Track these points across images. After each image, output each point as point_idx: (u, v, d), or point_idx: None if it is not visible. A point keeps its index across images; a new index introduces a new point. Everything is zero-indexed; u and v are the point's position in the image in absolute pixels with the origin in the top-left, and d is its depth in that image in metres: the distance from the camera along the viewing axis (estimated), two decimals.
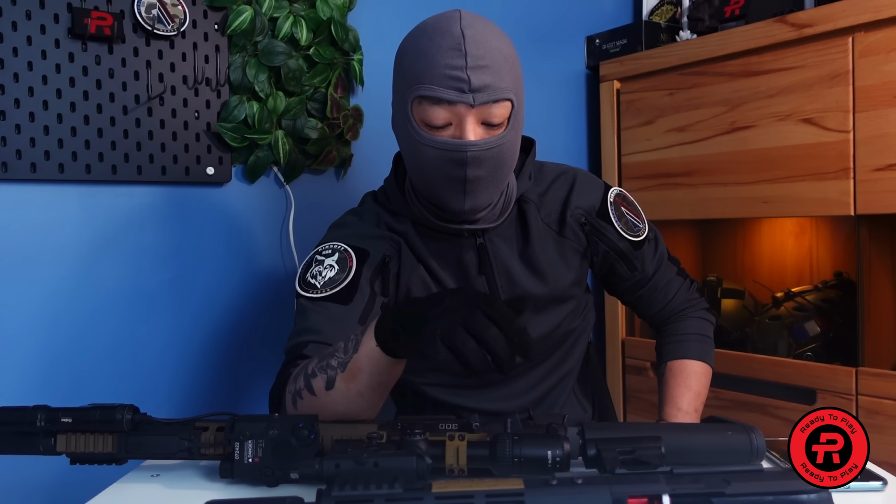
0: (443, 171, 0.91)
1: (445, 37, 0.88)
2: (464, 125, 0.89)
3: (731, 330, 1.70)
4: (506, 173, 0.95)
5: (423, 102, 0.89)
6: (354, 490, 0.56)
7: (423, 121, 0.90)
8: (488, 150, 0.90)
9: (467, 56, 0.87)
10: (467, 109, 0.88)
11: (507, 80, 0.90)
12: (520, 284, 1.02)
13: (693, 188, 1.61)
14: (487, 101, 0.88)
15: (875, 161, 1.30)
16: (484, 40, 0.89)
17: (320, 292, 0.95)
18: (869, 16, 1.29)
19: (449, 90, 0.87)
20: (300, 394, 0.82)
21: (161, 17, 1.25)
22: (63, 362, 1.22)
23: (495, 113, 0.89)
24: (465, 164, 0.89)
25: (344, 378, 0.78)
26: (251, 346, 1.42)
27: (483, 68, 0.87)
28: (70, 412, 0.75)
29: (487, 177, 0.92)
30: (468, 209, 0.94)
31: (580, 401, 1.16)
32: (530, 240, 1.03)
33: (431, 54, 0.88)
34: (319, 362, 0.81)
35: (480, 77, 0.87)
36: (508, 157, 0.94)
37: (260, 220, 1.42)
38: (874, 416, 1.31)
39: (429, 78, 0.88)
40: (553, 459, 0.66)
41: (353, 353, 0.78)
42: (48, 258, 1.20)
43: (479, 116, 0.89)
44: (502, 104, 0.90)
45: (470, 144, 0.88)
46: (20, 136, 1.14)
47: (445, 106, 0.88)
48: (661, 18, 1.86)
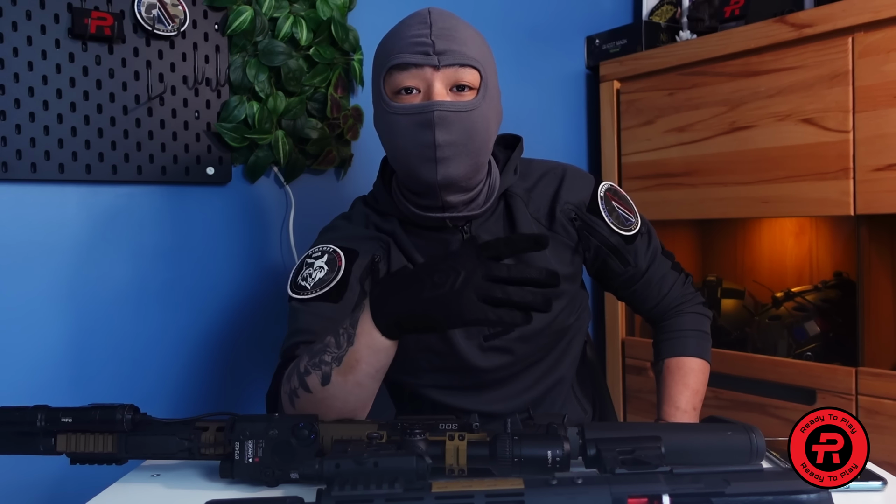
0: (413, 137, 0.92)
1: (413, 17, 0.95)
2: (431, 89, 0.91)
3: (731, 330, 1.70)
4: (479, 146, 0.94)
5: (393, 72, 0.93)
6: (354, 490, 0.56)
7: (392, 91, 0.93)
8: (456, 112, 0.91)
9: (432, 26, 0.92)
10: (433, 72, 0.91)
11: (474, 52, 0.93)
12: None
13: (693, 188, 1.61)
14: (452, 63, 0.91)
15: (875, 161, 1.30)
16: (450, 18, 0.94)
17: (311, 293, 0.96)
18: (869, 16, 1.29)
19: (414, 55, 0.91)
20: (296, 392, 0.82)
21: (161, 17, 1.25)
22: (63, 362, 1.22)
23: (463, 78, 0.92)
24: (433, 124, 0.90)
25: (340, 371, 0.78)
26: (251, 345, 1.43)
27: (448, 37, 0.92)
28: (70, 412, 0.75)
29: (458, 143, 0.92)
30: (441, 179, 0.92)
31: (580, 401, 1.16)
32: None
33: (400, 31, 0.94)
34: (311, 360, 0.81)
35: (445, 43, 0.91)
36: (480, 129, 0.93)
37: (260, 220, 1.42)
38: (874, 416, 1.31)
39: (398, 49, 0.93)
40: (553, 459, 0.66)
41: (347, 346, 0.78)
42: (48, 258, 1.20)
43: (446, 80, 0.92)
44: (469, 70, 0.92)
45: (436, 104, 0.90)
46: (20, 136, 1.14)
47: (412, 70, 0.91)
48: (661, 18, 1.86)
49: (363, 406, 0.82)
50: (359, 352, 0.77)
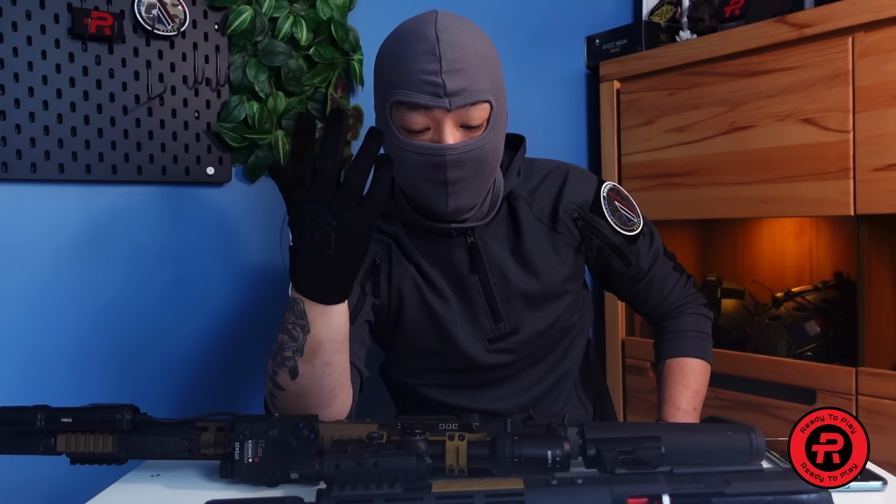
0: (424, 174, 0.92)
1: (420, 41, 0.88)
2: (442, 129, 0.89)
3: (731, 330, 1.70)
4: (489, 174, 0.95)
5: (401, 108, 0.90)
6: (354, 490, 0.56)
7: (401, 126, 0.91)
8: (467, 152, 0.90)
9: (442, 60, 0.87)
10: (444, 114, 0.88)
11: (484, 81, 0.90)
12: (513, 282, 1.02)
13: (693, 188, 1.61)
14: (464, 104, 0.88)
15: (875, 161, 1.30)
16: (459, 43, 0.89)
17: None
18: (869, 16, 1.29)
19: (424, 95, 0.87)
20: (273, 394, 0.83)
21: (161, 17, 1.25)
22: (63, 362, 1.22)
23: (473, 116, 0.90)
24: (445, 167, 0.90)
25: (306, 359, 0.79)
26: (251, 345, 1.42)
27: (458, 72, 0.88)
28: (70, 412, 0.75)
29: (469, 177, 0.92)
30: (452, 210, 0.94)
31: (581, 401, 1.16)
32: (522, 236, 1.03)
33: (407, 59, 0.89)
34: (273, 360, 0.82)
35: (456, 81, 0.87)
36: (490, 158, 0.94)
37: (260, 220, 1.42)
38: (874, 416, 1.31)
39: (405, 84, 0.89)
40: (553, 459, 0.66)
41: (304, 335, 0.78)
42: (48, 258, 1.20)
43: (456, 120, 0.90)
44: (480, 106, 0.90)
45: (448, 148, 0.89)
46: (20, 136, 1.14)
47: (422, 111, 0.89)
48: (661, 18, 1.86)
49: (340, 385, 0.83)
50: (318, 334, 0.78)
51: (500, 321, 1.03)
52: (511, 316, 1.03)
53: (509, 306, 1.03)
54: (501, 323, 1.03)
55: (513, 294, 1.03)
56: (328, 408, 0.83)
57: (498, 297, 1.03)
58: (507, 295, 1.03)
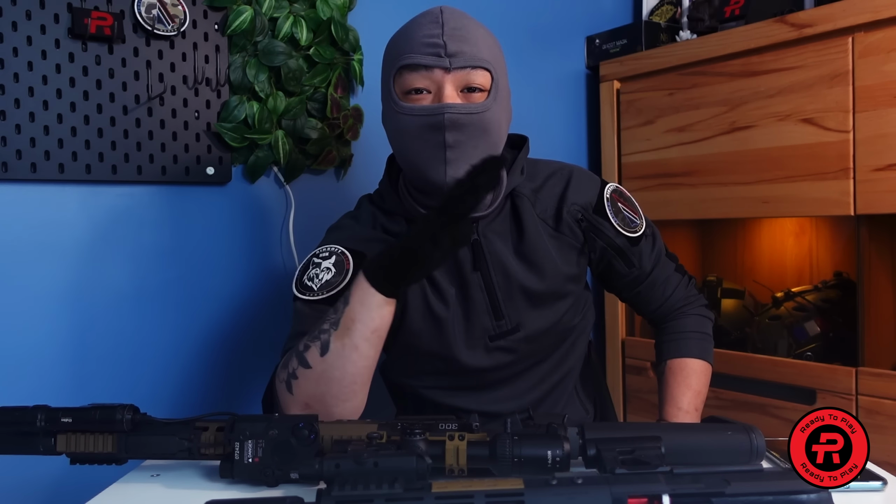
0: (422, 138, 0.92)
1: (425, 16, 0.94)
2: (442, 91, 0.91)
3: (731, 330, 1.70)
4: (489, 148, 0.94)
5: (403, 73, 0.93)
6: (354, 490, 0.56)
7: (402, 91, 0.93)
8: (467, 114, 0.91)
9: (444, 26, 0.92)
10: (444, 74, 0.91)
11: (486, 53, 0.93)
12: (516, 280, 1.02)
13: (693, 188, 1.61)
14: (464, 65, 0.91)
15: (875, 161, 1.30)
16: (462, 18, 0.94)
17: (317, 295, 0.95)
18: (869, 16, 1.29)
19: (426, 56, 0.91)
20: (294, 374, 0.83)
21: (161, 17, 1.25)
22: (63, 362, 1.22)
23: (475, 80, 0.92)
24: (443, 127, 0.90)
25: (338, 335, 0.81)
26: (251, 345, 1.42)
27: (460, 37, 0.91)
28: (70, 412, 0.75)
29: (468, 143, 0.92)
30: (450, 181, 0.92)
31: (582, 401, 1.16)
32: (525, 235, 1.03)
33: (411, 31, 0.94)
34: (310, 335, 0.84)
35: (457, 44, 0.91)
36: (491, 130, 0.94)
37: (260, 220, 1.42)
38: (874, 416, 1.31)
39: (408, 49, 0.93)
40: (553, 459, 0.66)
41: (344, 307, 0.82)
42: (48, 258, 1.20)
43: (457, 83, 0.92)
44: (481, 72, 0.92)
45: (447, 106, 0.90)
46: (20, 136, 1.14)
47: (423, 72, 0.91)
48: (661, 18, 1.86)
49: (361, 380, 0.83)
50: (353, 310, 0.81)
51: (501, 319, 1.03)
52: (512, 313, 1.03)
53: (511, 304, 1.03)
54: (503, 321, 1.03)
55: (515, 291, 1.03)
56: (344, 403, 0.83)
57: (500, 295, 1.02)
58: (509, 292, 1.03)
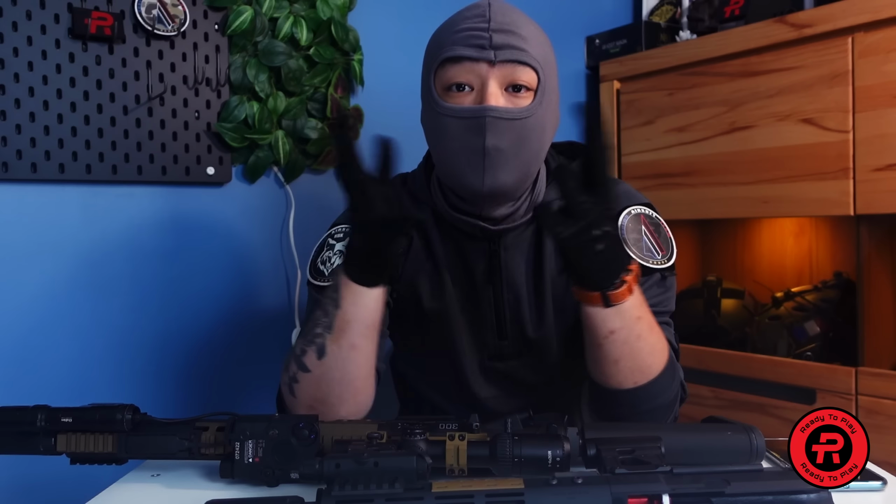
0: (462, 141, 0.85)
1: (471, 8, 0.88)
2: (485, 88, 0.84)
3: (731, 330, 1.70)
4: (531, 155, 0.87)
5: (445, 66, 0.86)
6: (354, 490, 0.56)
7: (443, 86, 0.86)
8: (510, 119, 0.83)
9: (491, 20, 0.84)
10: (488, 69, 0.83)
11: (535, 50, 0.86)
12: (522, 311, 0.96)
13: (693, 188, 1.61)
14: (509, 59, 0.83)
15: (875, 161, 1.30)
16: (511, 12, 0.87)
17: (327, 281, 0.92)
18: (869, 16, 1.29)
19: (469, 48, 0.84)
20: (295, 378, 0.82)
21: (161, 17, 1.25)
22: (63, 362, 1.22)
23: (520, 77, 0.84)
24: (484, 130, 0.83)
25: (334, 338, 0.80)
26: (251, 345, 1.42)
27: (506, 32, 0.84)
28: (70, 412, 0.75)
29: (508, 150, 0.84)
30: (487, 188, 0.85)
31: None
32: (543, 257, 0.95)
33: (455, 23, 0.87)
34: (304, 339, 0.82)
35: (503, 37, 0.84)
36: (534, 136, 0.86)
37: (260, 220, 1.42)
38: (874, 416, 1.31)
39: (451, 41, 0.86)
40: (553, 459, 0.66)
41: (335, 310, 0.80)
42: (48, 258, 1.20)
43: (501, 79, 0.84)
44: (527, 69, 0.84)
45: (489, 109, 0.83)
46: (20, 136, 1.14)
47: (466, 64, 0.84)
48: (661, 18, 1.86)
49: (363, 376, 0.82)
50: (346, 311, 0.80)
51: (504, 339, 0.97)
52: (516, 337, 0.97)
53: (516, 327, 0.97)
54: (505, 342, 0.97)
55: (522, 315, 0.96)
56: (348, 402, 0.82)
57: (508, 314, 0.96)
58: (517, 314, 0.97)
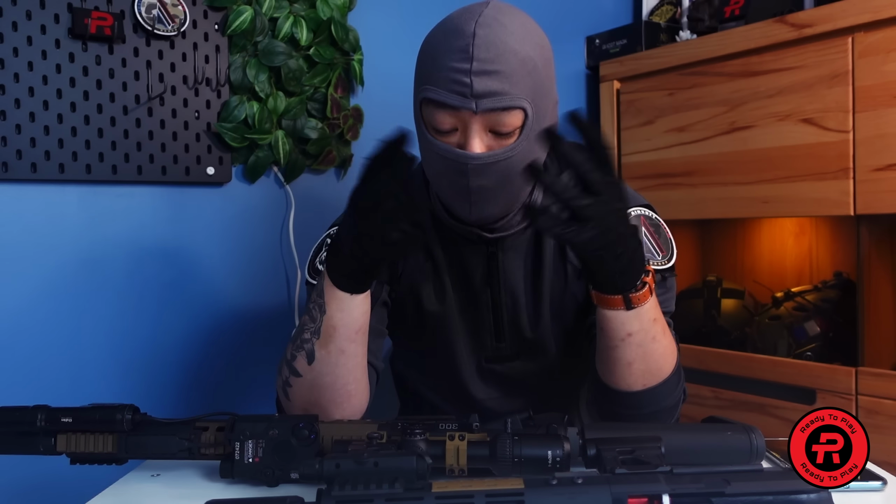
0: (448, 177, 0.86)
1: (457, 36, 0.81)
2: (468, 133, 0.82)
3: (731, 330, 1.70)
4: (517, 187, 0.88)
5: (430, 105, 0.84)
6: (354, 490, 0.56)
7: (430, 124, 0.85)
8: (493, 163, 0.82)
9: (473, 60, 0.79)
10: (470, 116, 0.81)
11: (521, 86, 0.81)
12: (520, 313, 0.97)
13: (693, 188, 1.61)
14: (493, 108, 0.80)
15: (875, 161, 1.30)
16: (497, 42, 0.80)
17: None
18: (869, 16, 1.29)
19: (451, 94, 0.80)
20: (288, 382, 0.83)
21: (161, 17, 1.25)
22: (63, 362, 1.22)
23: (504, 121, 0.81)
24: (467, 175, 0.83)
25: (322, 343, 0.80)
26: (251, 346, 1.42)
27: (490, 73, 0.80)
28: (70, 412, 0.75)
29: (494, 187, 0.85)
30: (474, 219, 0.88)
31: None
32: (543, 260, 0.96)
33: (439, 55, 0.82)
34: (293, 344, 0.83)
35: (485, 82, 0.79)
36: (520, 168, 0.85)
37: (260, 220, 1.42)
38: (874, 416, 1.31)
39: (434, 80, 0.82)
40: (553, 459, 0.66)
41: (321, 316, 0.80)
42: (48, 258, 1.20)
43: (485, 124, 0.82)
44: (512, 113, 0.81)
45: (471, 157, 0.82)
46: (20, 136, 1.14)
47: (449, 111, 0.82)
48: (661, 18, 1.86)
49: (355, 380, 0.83)
50: (332, 317, 0.80)
51: (501, 342, 0.98)
52: (514, 339, 0.98)
53: (513, 329, 0.98)
54: (503, 344, 0.98)
55: (520, 317, 0.97)
56: (341, 406, 0.82)
57: (506, 316, 0.97)
58: (515, 316, 0.97)
